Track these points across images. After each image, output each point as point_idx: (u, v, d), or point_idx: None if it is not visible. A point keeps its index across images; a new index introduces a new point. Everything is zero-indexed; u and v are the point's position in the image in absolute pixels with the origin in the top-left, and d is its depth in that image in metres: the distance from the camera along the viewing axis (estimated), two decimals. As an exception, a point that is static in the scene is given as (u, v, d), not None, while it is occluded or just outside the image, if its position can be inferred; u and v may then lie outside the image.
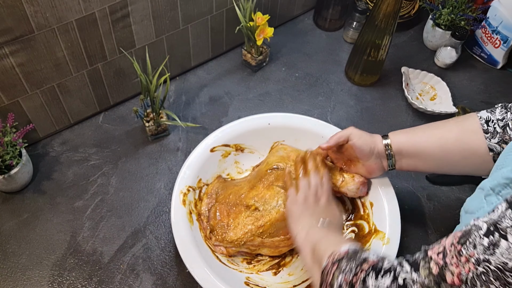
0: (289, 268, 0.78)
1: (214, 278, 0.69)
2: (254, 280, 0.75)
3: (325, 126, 0.88)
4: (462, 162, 0.69)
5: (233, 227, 0.76)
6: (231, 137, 0.86)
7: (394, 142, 0.73)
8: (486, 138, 0.65)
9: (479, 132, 0.65)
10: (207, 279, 0.69)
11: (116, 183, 0.88)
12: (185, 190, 0.79)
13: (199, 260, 0.71)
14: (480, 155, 0.66)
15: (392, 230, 0.77)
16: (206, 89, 1.05)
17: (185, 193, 0.78)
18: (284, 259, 0.79)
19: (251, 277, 0.75)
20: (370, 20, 0.95)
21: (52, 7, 0.75)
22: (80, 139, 0.94)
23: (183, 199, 0.77)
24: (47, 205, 0.85)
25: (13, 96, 0.82)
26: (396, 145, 0.73)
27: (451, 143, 0.68)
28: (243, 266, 0.77)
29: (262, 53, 1.07)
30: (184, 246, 0.72)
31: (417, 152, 0.71)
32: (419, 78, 1.10)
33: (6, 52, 0.75)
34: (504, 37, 1.09)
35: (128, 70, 0.95)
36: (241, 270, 0.76)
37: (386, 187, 0.81)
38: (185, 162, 0.82)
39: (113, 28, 0.85)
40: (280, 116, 0.89)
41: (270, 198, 0.77)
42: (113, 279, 0.77)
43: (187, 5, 0.93)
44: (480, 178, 0.93)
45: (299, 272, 0.77)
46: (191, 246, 0.72)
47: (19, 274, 0.76)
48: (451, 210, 0.89)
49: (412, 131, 0.73)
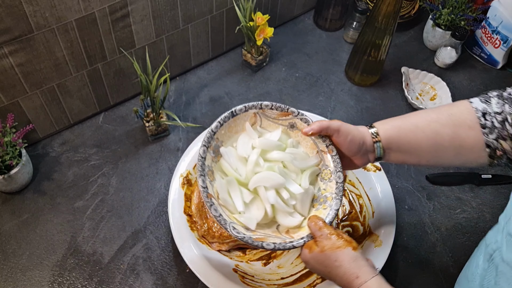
0: (279, 260, 0.79)
1: (202, 260, 0.71)
2: (242, 268, 0.76)
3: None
4: (455, 157, 0.64)
5: None
6: None
7: (384, 138, 0.65)
8: (483, 133, 0.60)
9: (476, 128, 0.60)
10: (195, 261, 0.71)
11: (116, 183, 0.88)
12: (186, 173, 0.82)
13: (190, 242, 0.73)
14: (475, 151, 0.61)
15: (386, 233, 0.77)
16: (206, 89, 1.05)
17: (185, 176, 0.81)
18: (275, 251, 0.80)
19: (240, 265, 0.76)
20: (370, 20, 0.95)
21: (51, 6, 0.74)
22: (80, 139, 0.94)
23: (182, 182, 0.80)
24: (47, 205, 0.84)
25: (13, 96, 0.82)
26: (386, 141, 0.65)
27: (446, 140, 0.62)
28: (234, 254, 0.78)
29: (262, 53, 1.07)
30: (177, 224, 0.75)
31: (409, 148, 0.65)
32: (419, 78, 1.10)
33: (5, 52, 0.75)
34: (504, 37, 1.09)
35: (128, 70, 0.95)
36: (232, 257, 0.77)
37: (384, 188, 0.81)
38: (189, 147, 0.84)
39: (113, 28, 0.85)
40: None
41: None
42: (113, 279, 0.76)
43: (187, 5, 0.93)
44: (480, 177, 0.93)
45: (288, 266, 0.78)
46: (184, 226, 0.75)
47: (19, 275, 0.76)
48: (451, 210, 0.90)
49: (402, 124, 0.66)
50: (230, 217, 0.61)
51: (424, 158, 0.66)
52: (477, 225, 0.88)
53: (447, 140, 0.62)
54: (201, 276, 0.70)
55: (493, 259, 0.54)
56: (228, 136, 0.65)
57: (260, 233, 0.61)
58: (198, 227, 0.77)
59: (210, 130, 0.63)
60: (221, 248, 0.77)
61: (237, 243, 0.77)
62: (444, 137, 0.62)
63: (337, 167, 0.64)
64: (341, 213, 0.84)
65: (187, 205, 0.79)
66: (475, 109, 0.61)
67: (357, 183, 0.86)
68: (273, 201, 0.61)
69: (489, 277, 0.55)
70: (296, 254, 0.79)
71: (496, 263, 0.53)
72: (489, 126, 0.59)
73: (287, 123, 0.68)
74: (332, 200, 0.63)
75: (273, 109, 0.66)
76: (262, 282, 0.74)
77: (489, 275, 0.55)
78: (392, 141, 0.65)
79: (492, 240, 0.57)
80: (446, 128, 0.62)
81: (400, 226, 0.85)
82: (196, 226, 0.77)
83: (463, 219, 0.89)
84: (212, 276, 0.71)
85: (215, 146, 0.64)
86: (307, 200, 0.64)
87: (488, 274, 0.56)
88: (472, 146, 0.61)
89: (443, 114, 0.63)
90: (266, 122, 0.68)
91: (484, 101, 0.61)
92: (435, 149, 0.63)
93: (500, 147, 0.60)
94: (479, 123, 0.60)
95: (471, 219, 0.89)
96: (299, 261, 0.78)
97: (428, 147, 0.64)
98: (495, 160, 0.61)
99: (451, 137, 0.62)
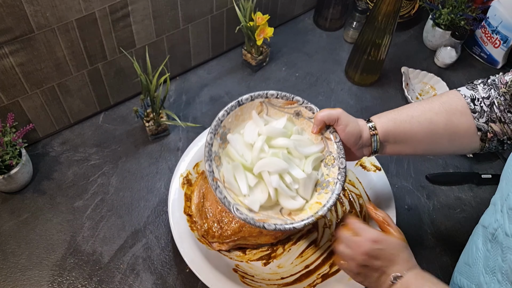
0: (279, 260, 0.79)
1: (202, 260, 0.72)
2: (243, 268, 0.76)
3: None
4: (449, 144, 0.67)
5: (227, 222, 0.76)
6: None
7: (381, 131, 0.67)
8: (474, 118, 0.63)
9: (467, 113, 0.64)
10: (195, 260, 0.72)
11: (116, 183, 0.88)
12: (186, 173, 0.82)
13: (190, 242, 0.74)
14: (468, 136, 0.65)
15: None
16: (206, 89, 1.05)
17: (185, 176, 0.81)
18: (275, 251, 0.80)
19: (240, 265, 0.77)
20: (370, 19, 0.95)
21: (52, 6, 0.74)
22: (80, 139, 0.94)
23: (182, 182, 0.81)
24: (47, 205, 0.84)
25: (13, 96, 0.82)
26: (383, 133, 0.67)
27: (441, 128, 0.65)
28: (234, 254, 0.79)
29: (262, 53, 1.07)
30: (177, 223, 0.75)
31: (405, 139, 0.67)
32: (419, 78, 1.10)
33: (6, 52, 0.75)
34: (503, 37, 1.09)
35: (128, 70, 0.95)
36: (232, 257, 0.78)
37: (384, 188, 0.81)
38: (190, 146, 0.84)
39: (114, 28, 0.85)
40: None
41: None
42: (113, 278, 0.77)
43: (187, 5, 0.93)
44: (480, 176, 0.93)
45: (288, 266, 0.78)
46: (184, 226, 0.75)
47: (18, 274, 0.76)
48: (451, 210, 0.90)
49: (398, 116, 0.67)
50: (235, 199, 0.63)
51: (420, 147, 0.68)
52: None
53: (441, 127, 0.65)
54: (201, 276, 0.70)
55: (496, 237, 0.56)
56: (235, 124, 0.68)
57: (263, 215, 0.63)
58: (198, 227, 0.77)
59: (217, 118, 0.65)
60: (221, 248, 0.77)
61: (237, 243, 0.77)
62: (439, 124, 0.65)
63: (340, 153, 0.66)
64: (341, 212, 0.84)
65: (187, 205, 0.79)
66: (464, 96, 0.64)
67: (357, 183, 0.86)
68: (275, 185, 0.63)
69: (494, 257, 0.56)
70: (296, 254, 0.79)
71: (500, 241, 0.55)
72: (478, 110, 0.63)
73: (292, 111, 0.70)
74: (334, 185, 0.64)
75: (279, 98, 0.69)
76: (262, 282, 0.74)
77: (493, 255, 0.57)
78: (389, 133, 0.67)
79: (490, 221, 0.59)
80: (440, 116, 0.65)
81: (400, 225, 0.85)
82: (196, 226, 0.77)
83: (462, 219, 0.89)
84: (212, 275, 0.71)
85: (222, 133, 0.66)
86: (309, 184, 0.66)
87: (492, 254, 0.57)
88: (465, 131, 0.64)
89: (435, 103, 0.66)
90: (272, 110, 0.70)
91: (470, 88, 0.65)
92: (430, 137, 0.66)
93: (490, 129, 0.64)
94: (469, 108, 0.64)
95: (470, 219, 0.89)
96: (299, 261, 0.78)
97: (423, 136, 0.66)
98: (486, 144, 0.65)
99: (445, 124, 0.65)
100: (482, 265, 0.60)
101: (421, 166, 0.95)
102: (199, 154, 0.84)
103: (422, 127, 0.65)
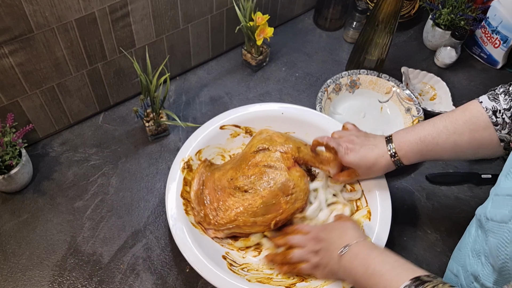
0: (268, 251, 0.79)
1: (192, 244, 0.73)
2: (232, 256, 0.77)
3: (338, 125, 0.87)
4: (473, 155, 0.71)
5: (223, 210, 0.77)
6: (243, 119, 0.89)
7: (406, 161, 0.73)
8: (496, 130, 0.65)
9: (490, 127, 0.66)
10: (185, 243, 0.73)
11: (116, 183, 0.88)
12: (187, 158, 0.83)
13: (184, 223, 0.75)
14: (492, 147, 0.67)
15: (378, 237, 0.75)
16: (206, 89, 1.05)
17: (186, 161, 0.82)
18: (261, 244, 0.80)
19: (230, 253, 0.77)
20: (371, 19, 0.95)
21: (51, 6, 0.74)
22: (80, 139, 0.94)
23: (183, 167, 0.81)
24: (47, 205, 0.84)
25: (13, 96, 0.82)
26: (407, 160, 0.73)
27: (465, 146, 0.68)
28: (226, 241, 0.79)
29: (262, 53, 1.07)
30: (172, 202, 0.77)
31: (430, 159, 0.75)
32: (419, 78, 1.10)
33: (5, 52, 0.75)
34: (503, 37, 1.09)
35: (128, 70, 0.95)
36: (223, 244, 0.78)
37: (381, 189, 0.80)
38: (194, 133, 0.85)
39: (113, 28, 0.85)
40: (294, 108, 0.91)
41: (258, 179, 0.78)
42: (113, 279, 0.77)
43: (187, 5, 0.93)
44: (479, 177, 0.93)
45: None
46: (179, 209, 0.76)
47: (19, 275, 0.76)
48: (450, 210, 0.90)
49: (424, 147, 0.71)
50: None
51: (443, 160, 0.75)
52: (476, 225, 0.88)
53: (465, 146, 0.69)
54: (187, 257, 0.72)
55: (481, 222, 0.60)
56: None
57: None
58: (195, 213, 0.78)
59: None
60: (216, 235, 0.78)
61: (232, 231, 0.78)
62: (463, 144, 0.69)
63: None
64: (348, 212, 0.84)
65: (185, 189, 0.80)
66: (485, 109, 0.66)
67: (356, 183, 0.86)
68: None
69: (481, 241, 0.60)
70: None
71: (484, 225, 0.58)
72: (500, 122, 0.65)
73: None
74: None
75: None
76: (249, 272, 0.75)
77: (480, 239, 0.60)
78: (413, 160, 0.73)
79: (482, 210, 0.61)
80: (464, 136, 0.68)
81: (399, 226, 0.85)
82: (194, 212, 0.79)
83: (462, 219, 0.88)
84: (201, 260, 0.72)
85: None
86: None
87: (479, 238, 0.61)
88: (488, 144, 0.67)
89: (459, 123, 0.69)
90: None
91: (492, 99, 0.66)
92: (454, 155, 0.72)
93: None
94: (492, 122, 0.66)
95: (470, 219, 0.88)
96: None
97: (448, 156, 0.72)
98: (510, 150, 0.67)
99: (469, 142, 0.68)
100: (470, 249, 0.63)
101: (421, 166, 0.95)
102: (202, 142, 0.85)
103: (446, 151, 0.70)
